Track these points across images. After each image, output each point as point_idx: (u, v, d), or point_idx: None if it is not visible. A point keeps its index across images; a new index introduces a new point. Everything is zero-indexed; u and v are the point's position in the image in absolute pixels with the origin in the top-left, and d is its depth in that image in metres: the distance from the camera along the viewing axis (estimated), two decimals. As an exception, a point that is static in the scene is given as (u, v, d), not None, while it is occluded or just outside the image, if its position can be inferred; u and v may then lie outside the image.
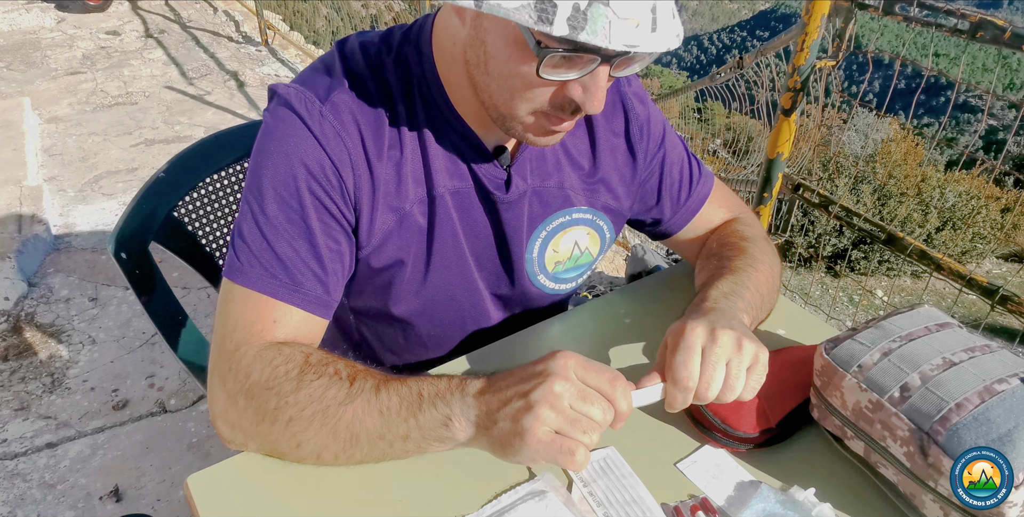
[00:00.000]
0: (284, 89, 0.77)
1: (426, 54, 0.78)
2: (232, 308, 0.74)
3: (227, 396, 0.72)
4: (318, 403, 0.68)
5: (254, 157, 0.78)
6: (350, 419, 0.67)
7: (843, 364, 0.73)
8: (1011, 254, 8.37)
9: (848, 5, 1.64)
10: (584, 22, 0.58)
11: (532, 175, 0.86)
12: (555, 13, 0.58)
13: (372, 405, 0.67)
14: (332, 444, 0.68)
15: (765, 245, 0.94)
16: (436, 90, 0.78)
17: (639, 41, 0.60)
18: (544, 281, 0.93)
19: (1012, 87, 25.73)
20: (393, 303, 0.87)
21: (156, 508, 1.69)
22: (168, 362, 2.13)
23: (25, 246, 2.49)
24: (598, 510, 0.69)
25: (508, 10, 0.59)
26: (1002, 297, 1.50)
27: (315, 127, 0.75)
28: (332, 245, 0.77)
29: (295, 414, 0.68)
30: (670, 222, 0.98)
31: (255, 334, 0.73)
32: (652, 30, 0.61)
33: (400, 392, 0.68)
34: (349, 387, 0.68)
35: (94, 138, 3.43)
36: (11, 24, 4.74)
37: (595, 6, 0.58)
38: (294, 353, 0.71)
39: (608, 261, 2.90)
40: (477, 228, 0.86)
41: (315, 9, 6.13)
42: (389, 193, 0.79)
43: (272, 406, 0.69)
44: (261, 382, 0.69)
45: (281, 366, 0.70)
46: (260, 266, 0.74)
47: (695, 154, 1.00)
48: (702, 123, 5.20)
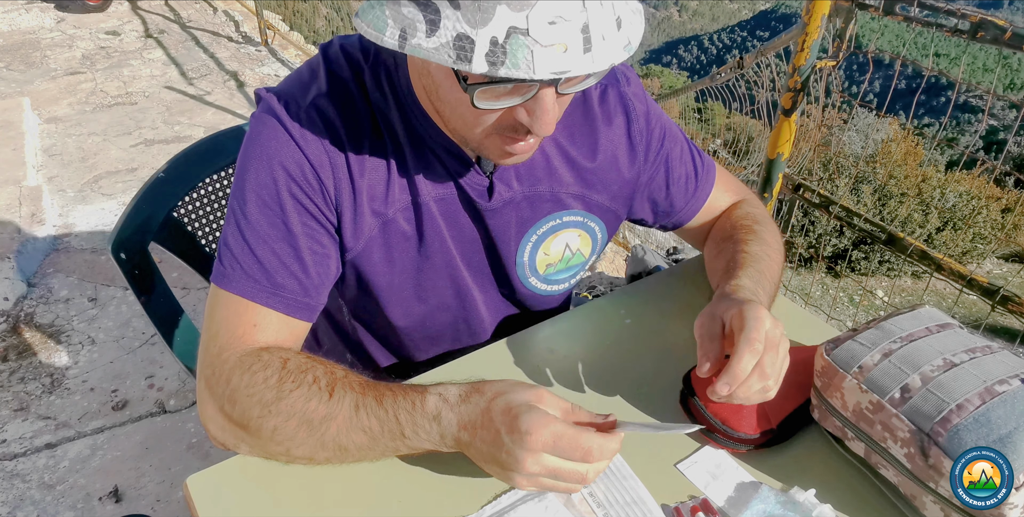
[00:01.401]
0: (267, 94, 0.78)
1: (402, 61, 0.77)
2: (216, 313, 0.76)
3: (214, 400, 0.72)
4: (300, 416, 0.68)
5: (239, 163, 0.78)
6: (335, 433, 0.68)
7: (843, 365, 0.73)
8: (1012, 254, 8.37)
9: (848, 5, 1.64)
10: (504, 56, 0.57)
11: (520, 181, 0.85)
12: (473, 50, 0.57)
13: (355, 424, 0.68)
14: (320, 452, 0.69)
15: (772, 227, 0.98)
16: (411, 100, 0.78)
17: (569, 66, 0.58)
18: (536, 283, 0.94)
19: (1012, 87, 25.74)
20: (386, 306, 0.88)
21: (156, 508, 1.69)
22: (168, 362, 2.12)
23: (25, 246, 2.49)
24: (598, 511, 0.69)
25: (428, 50, 0.58)
26: (1003, 297, 1.49)
27: (295, 131, 0.75)
28: (316, 248, 0.77)
29: (279, 424, 0.68)
30: (681, 213, 1.00)
31: (236, 338, 0.74)
32: (585, 51, 0.58)
33: (379, 415, 0.68)
34: (328, 399, 0.68)
35: (94, 138, 3.43)
36: (11, 24, 4.74)
37: (514, 38, 0.56)
38: (272, 359, 0.71)
39: (608, 261, 2.90)
40: (464, 234, 0.86)
41: (315, 9, 6.13)
42: (373, 197, 0.79)
43: (256, 414, 0.69)
44: (241, 388, 0.70)
45: (259, 373, 0.70)
46: (242, 270, 0.75)
47: (696, 145, 1.01)
48: (702, 123, 5.19)
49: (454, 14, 0.57)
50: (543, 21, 0.56)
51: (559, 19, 0.56)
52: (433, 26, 0.57)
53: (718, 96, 2.84)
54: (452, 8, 0.57)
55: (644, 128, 0.91)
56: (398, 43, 0.59)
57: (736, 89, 2.70)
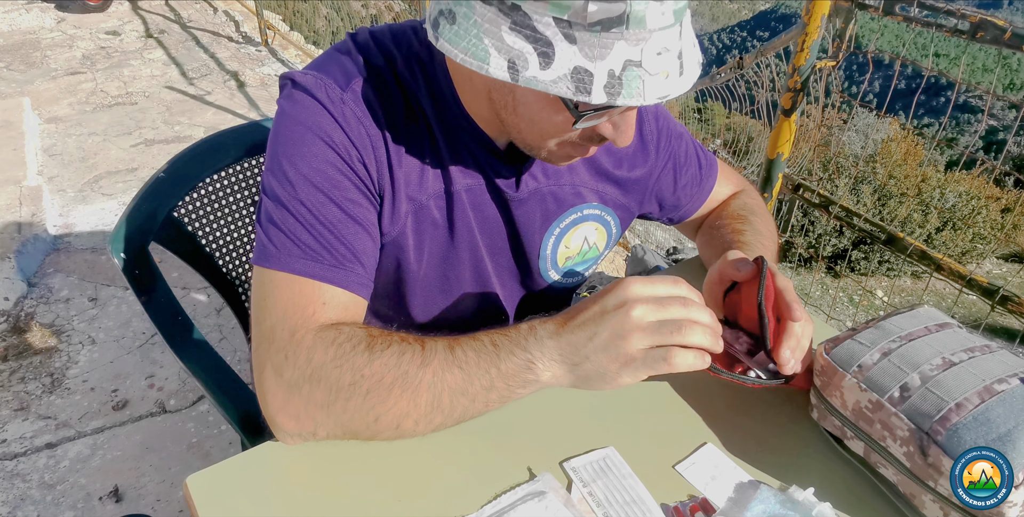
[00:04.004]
0: (302, 76, 0.76)
1: (438, 54, 0.78)
2: (277, 295, 0.72)
3: (287, 386, 0.69)
4: (396, 370, 0.67)
5: (274, 141, 0.77)
6: (431, 379, 0.67)
7: (843, 364, 0.73)
8: (1011, 254, 8.37)
9: (848, 5, 1.64)
10: (620, 87, 0.60)
11: (545, 175, 0.87)
12: (592, 82, 0.60)
13: (450, 362, 0.68)
14: (413, 411, 0.68)
15: (768, 217, 1.02)
16: (448, 91, 0.79)
17: (670, 90, 0.63)
18: (555, 276, 0.95)
19: (1012, 87, 25.73)
20: (410, 299, 0.88)
21: (156, 508, 1.69)
22: (168, 362, 2.13)
23: (25, 246, 2.49)
24: (598, 510, 0.69)
25: (546, 83, 0.61)
26: (1002, 297, 1.50)
27: (335, 111, 0.74)
28: (367, 226, 0.77)
29: (373, 385, 0.67)
30: (687, 207, 1.03)
31: (307, 318, 0.71)
32: (680, 74, 0.64)
33: (474, 347, 0.69)
34: (422, 350, 0.68)
35: (94, 138, 3.43)
36: (11, 24, 4.74)
37: (629, 69, 0.60)
38: (354, 330, 0.70)
39: (608, 261, 2.90)
40: (490, 225, 0.87)
41: (315, 9, 6.13)
42: (408, 182, 0.79)
43: (347, 382, 0.67)
44: (328, 362, 0.68)
45: (345, 343, 0.69)
46: (298, 250, 0.73)
47: (698, 141, 1.05)
48: (702, 123, 5.19)
49: (570, 48, 0.60)
50: (653, 53, 0.61)
51: (664, 50, 0.61)
52: (547, 59, 0.60)
53: (718, 96, 2.84)
54: (567, 42, 0.60)
55: (654, 128, 0.95)
56: (508, 75, 0.62)
57: (736, 89, 2.71)
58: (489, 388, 0.68)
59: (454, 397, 0.68)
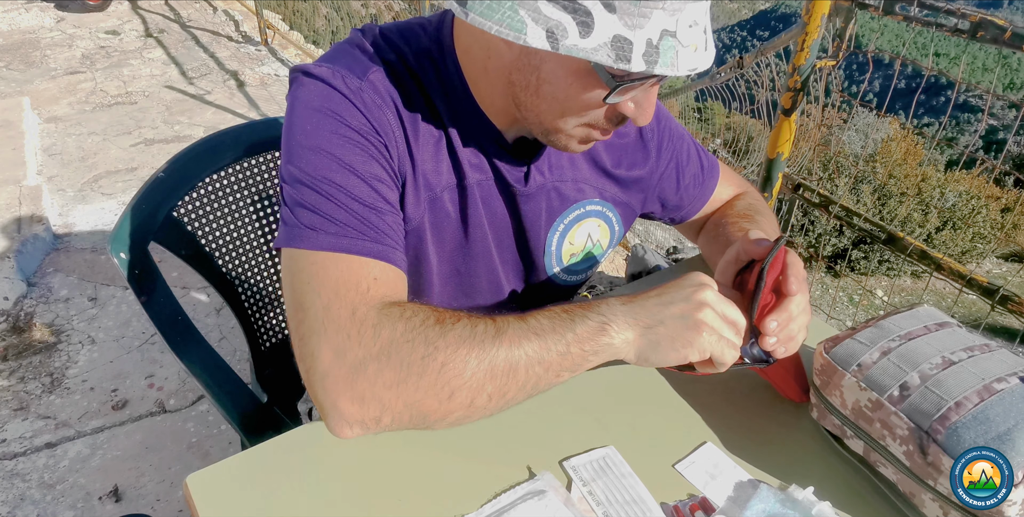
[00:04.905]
0: (316, 68, 0.76)
1: (448, 48, 0.79)
2: (323, 276, 0.69)
3: (350, 367, 0.66)
4: (471, 340, 0.66)
5: (289, 132, 0.75)
6: (508, 348, 0.66)
7: (843, 363, 0.73)
8: (1011, 254, 8.37)
9: (848, 5, 1.64)
10: (657, 56, 0.63)
11: (550, 170, 0.87)
12: (631, 50, 0.62)
13: (525, 330, 0.67)
14: (488, 383, 0.66)
15: (772, 218, 1.03)
16: (459, 84, 0.79)
17: (698, 63, 0.65)
18: (559, 273, 0.96)
19: (1012, 87, 25.74)
20: (426, 288, 0.87)
21: (156, 508, 1.69)
22: (167, 362, 2.12)
23: (24, 246, 2.49)
24: (597, 509, 0.69)
25: (588, 51, 0.62)
26: (1002, 297, 1.49)
27: (356, 100, 0.74)
28: (394, 204, 0.76)
29: (448, 357, 0.65)
30: (690, 207, 1.04)
31: (363, 294, 0.68)
32: (706, 49, 0.66)
33: (547, 315, 0.69)
34: (494, 323, 0.68)
35: (93, 138, 3.43)
36: (11, 24, 4.74)
37: (665, 39, 0.62)
38: (419, 307, 0.69)
39: (608, 261, 2.90)
40: (498, 220, 0.87)
41: (315, 9, 6.12)
42: (425, 172, 0.79)
43: (420, 355, 0.65)
44: (397, 336, 0.66)
45: (414, 317, 0.67)
46: (335, 226, 0.71)
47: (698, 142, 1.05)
48: (702, 123, 5.20)
49: (609, 17, 0.61)
50: (686, 25, 0.63)
51: (694, 23, 0.64)
52: (586, 28, 0.62)
53: (718, 96, 2.84)
54: (607, 11, 0.61)
55: (655, 128, 0.95)
56: (548, 43, 0.62)
57: (736, 89, 2.70)
58: (564, 354, 0.68)
59: (530, 366, 0.67)
